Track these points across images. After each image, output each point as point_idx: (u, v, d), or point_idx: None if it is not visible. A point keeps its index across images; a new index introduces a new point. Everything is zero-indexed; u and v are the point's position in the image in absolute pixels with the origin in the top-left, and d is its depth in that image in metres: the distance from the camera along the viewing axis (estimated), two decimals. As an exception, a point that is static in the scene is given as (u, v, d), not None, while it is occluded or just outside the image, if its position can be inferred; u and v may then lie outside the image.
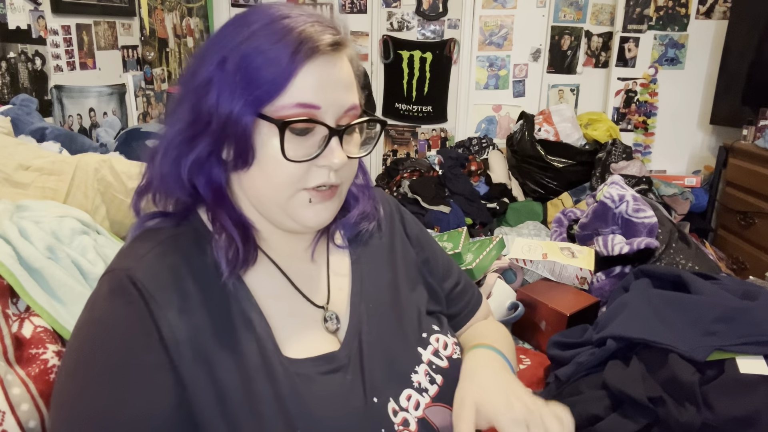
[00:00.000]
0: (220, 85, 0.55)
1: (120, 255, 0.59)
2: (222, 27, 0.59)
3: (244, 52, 0.55)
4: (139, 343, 0.53)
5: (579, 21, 3.27)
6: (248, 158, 0.57)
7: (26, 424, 0.66)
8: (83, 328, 0.55)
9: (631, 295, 1.18)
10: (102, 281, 0.57)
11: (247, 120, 0.55)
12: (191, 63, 0.59)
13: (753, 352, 0.97)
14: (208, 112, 0.56)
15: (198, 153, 0.57)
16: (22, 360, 0.71)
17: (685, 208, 2.80)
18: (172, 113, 0.59)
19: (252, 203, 0.61)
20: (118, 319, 0.54)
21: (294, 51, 0.54)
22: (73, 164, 1.19)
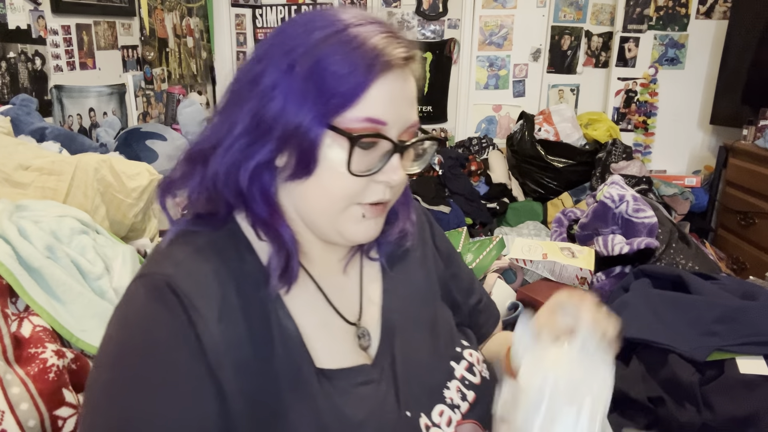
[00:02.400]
0: (288, 92, 0.53)
1: (156, 258, 0.56)
2: (284, 29, 0.57)
3: (315, 60, 0.53)
4: (180, 352, 0.51)
5: (579, 21, 3.27)
6: (310, 169, 0.54)
7: (25, 423, 0.66)
8: (118, 334, 0.53)
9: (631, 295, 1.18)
10: (136, 286, 0.54)
11: (317, 131, 0.53)
12: (250, 64, 0.57)
13: (753, 352, 0.97)
14: (273, 118, 0.53)
15: (258, 160, 0.55)
16: (21, 359, 0.71)
17: (685, 208, 2.80)
18: (225, 113, 0.57)
19: (299, 213, 0.59)
20: (157, 326, 0.51)
21: (370, 63, 0.53)
22: (72, 164, 1.19)
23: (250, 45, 3.54)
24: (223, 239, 0.58)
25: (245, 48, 3.56)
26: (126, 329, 0.52)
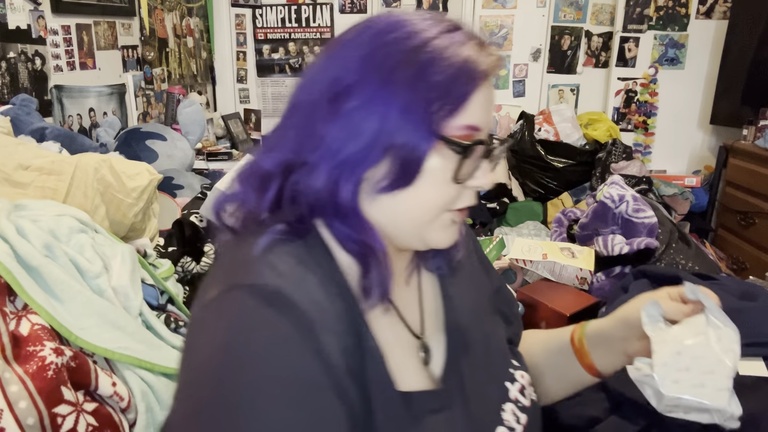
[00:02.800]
0: (389, 104, 0.51)
1: (252, 268, 0.51)
2: (363, 39, 0.54)
3: (416, 71, 0.51)
4: (308, 363, 0.47)
5: (579, 21, 3.27)
6: (411, 180, 0.53)
7: (24, 421, 0.66)
8: (226, 344, 0.46)
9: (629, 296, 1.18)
10: (238, 295, 0.48)
11: (427, 143, 0.52)
12: (326, 75, 0.54)
13: (752, 353, 0.97)
14: (374, 132, 0.51)
15: (359, 175, 0.52)
16: (20, 358, 0.71)
17: (685, 208, 2.80)
18: (303, 126, 0.54)
19: (383, 223, 0.56)
20: (277, 334, 0.46)
21: (470, 71, 0.52)
22: (72, 164, 1.19)
23: (250, 45, 3.54)
24: (315, 249, 0.55)
25: (245, 48, 3.56)
26: (238, 337, 0.46)
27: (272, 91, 3.64)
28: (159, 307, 1.03)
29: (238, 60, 3.60)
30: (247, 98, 3.66)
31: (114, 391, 0.78)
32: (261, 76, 3.60)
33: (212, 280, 0.53)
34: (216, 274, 0.54)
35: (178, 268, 1.36)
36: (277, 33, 3.51)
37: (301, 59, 3.55)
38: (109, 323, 0.84)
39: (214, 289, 0.50)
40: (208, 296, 0.50)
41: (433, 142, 0.52)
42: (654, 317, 0.64)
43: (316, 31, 3.48)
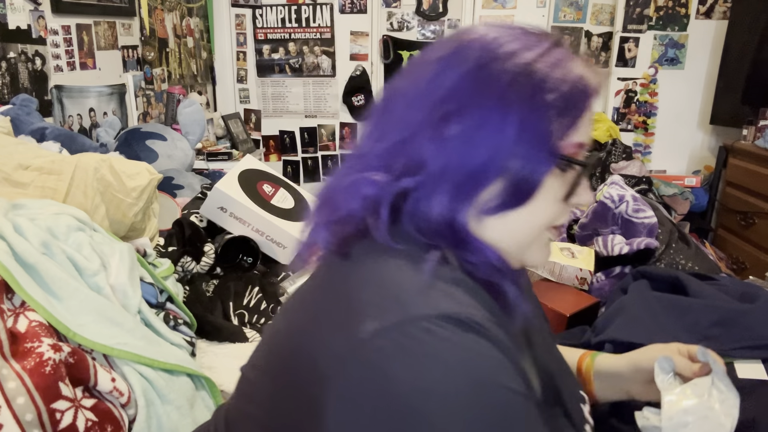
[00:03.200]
0: (504, 125, 0.49)
1: (432, 296, 0.48)
2: (467, 55, 0.52)
3: (531, 90, 0.49)
4: (519, 384, 0.46)
5: (579, 21, 3.27)
6: (525, 201, 0.51)
7: (23, 417, 0.66)
8: (448, 381, 0.43)
9: (629, 297, 1.18)
10: (435, 327, 0.45)
11: (547, 165, 0.50)
12: (436, 94, 0.51)
13: (750, 356, 0.97)
14: (491, 153, 0.49)
15: (474, 198, 0.51)
16: (18, 354, 0.71)
17: (685, 208, 2.80)
18: (415, 146, 0.51)
19: (496, 245, 0.55)
20: (494, 363, 0.45)
21: (585, 88, 0.52)
22: (72, 164, 1.19)
23: (250, 45, 3.55)
24: (458, 274, 0.52)
25: (245, 48, 3.56)
26: (459, 372, 0.44)
27: (272, 91, 3.64)
28: (158, 305, 1.03)
29: (238, 60, 3.60)
30: (247, 98, 3.66)
31: (113, 386, 0.78)
32: (261, 76, 3.61)
33: (355, 307, 0.48)
34: (360, 300, 0.49)
35: (178, 267, 1.36)
36: (277, 33, 3.51)
37: (301, 59, 3.55)
38: (108, 320, 0.84)
39: (374, 320, 0.46)
40: (367, 327, 0.46)
41: (552, 164, 0.51)
42: (665, 370, 0.69)
43: (316, 31, 3.48)
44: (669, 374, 0.69)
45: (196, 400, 0.92)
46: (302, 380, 0.50)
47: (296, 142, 3.73)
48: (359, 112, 3.57)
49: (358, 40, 3.48)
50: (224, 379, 1.07)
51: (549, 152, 0.50)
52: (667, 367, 0.69)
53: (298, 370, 0.51)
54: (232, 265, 1.51)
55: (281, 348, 0.56)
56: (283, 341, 0.56)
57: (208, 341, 1.22)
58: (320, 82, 3.58)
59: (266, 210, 1.59)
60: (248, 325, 1.32)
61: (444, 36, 0.57)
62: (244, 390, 0.61)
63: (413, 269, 0.50)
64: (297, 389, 0.51)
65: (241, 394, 0.62)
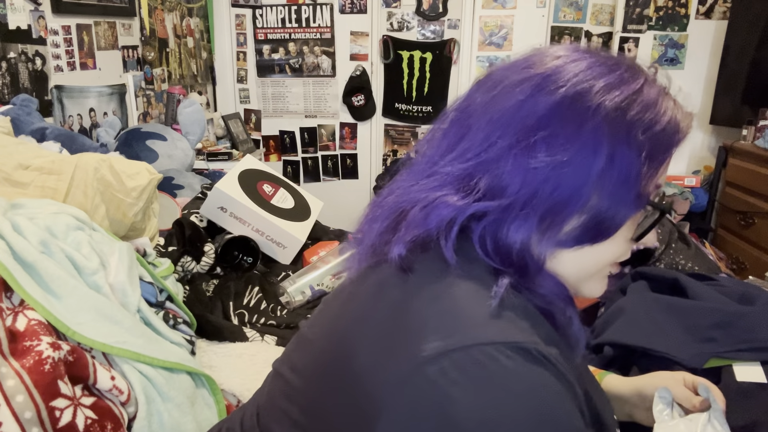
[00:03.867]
0: (595, 162, 0.48)
1: (499, 324, 0.47)
2: (555, 82, 0.50)
3: (625, 130, 0.48)
4: (578, 417, 0.46)
5: (579, 21, 3.27)
6: (604, 239, 0.51)
7: (22, 414, 0.66)
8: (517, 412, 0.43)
9: (627, 299, 1.17)
10: (500, 355, 0.44)
11: (634, 209, 0.50)
12: (523, 121, 0.49)
13: (750, 358, 0.97)
14: (578, 188, 0.48)
15: (559, 230, 0.50)
16: (17, 352, 0.71)
17: (685, 208, 2.80)
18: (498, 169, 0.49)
19: (560, 276, 0.54)
20: (556, 394, 0.45)
21: (675, 132, 0.51)
22: (72, 163, 1.19)
23: (250, 45, 3.55)
24: (526, 303, 0.52)
25: (245, 48, 3.56)
26: (523, 404, 0.43)
27: (272, 92, 3.64)
28: (157, 304, 1.03)
29: (238, 60, 3.60)
30: (247, 98, 3.67)
31: (113, 384, 0.78)
32: (261, 76, 3.61)
33: (419, 326, 0.47)
34: (425, 320, 0.48)
35: (178, 267, 1.36)
36: (277, 33, 3.51)
37: (301, 59, 3.55)
38: (107, 318, 0.84)
39: (438, 341, 0.45)
40: (430, 347, 0.45)
41: (640, 208, 0.51)
42: (664, 400, 0.70)
43: (316, 31, 3.48)
44: (667, 406, 0.70)
45: (196, 398, 0.92)
46: (353, 393, 0.49)
47: (296, 142, 3.73)
48: (359, 112, 3.57)
49: (358, 40, 3.49)
50: (224, 378, 1.07)
51: (636, 194, 0.50)
52: (667, 398, 0.70)
53: (349, 383, 0.50)
54: (232, 265, 1.51)
55: (329, 357, 0.54)
56: (331, 349, 0.55)
57: (208, 341, 1.22)
58: (320, 82, 3.59)
59: (266, 210, 1.59)
60: (248, 325, 1.32)
61: (526, 54, 0.55)
62: (282, 389, 0.60)
63: (483, 293, 0.48)
64: (346, 401, 0.50)
65: (278, 393, 0.61)
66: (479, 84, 0.56)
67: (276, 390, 0.61)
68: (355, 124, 3.64)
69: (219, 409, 0.96)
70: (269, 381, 0.65)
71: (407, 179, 0.56)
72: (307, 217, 1.72)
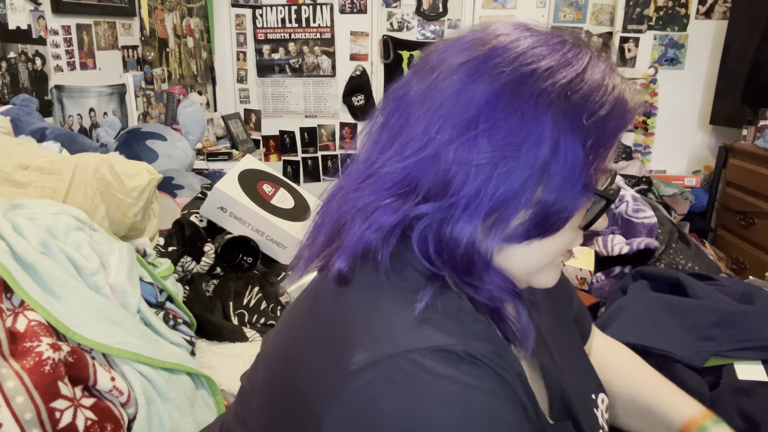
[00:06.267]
0: (540, 151, 0.45)
1: (422, 329, 0.45)
2: (495, 66, 0.47)
3: (572, 115, 0.46)
4: (519, 414, 0.45)
5: (579, 21, 3.27)
6: (553, 233, 0.49)
7: (22, 416, 0.66)
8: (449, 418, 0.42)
9: (628, 298, 1.18)
10: (425, 361, 0.43)
11: (581, 201, 0.48)
12: (463, 112, 0.46)
13: (750, 357, 0.97)
14: (524, 181, 0.46)
15: (507, 226, 0.48)
16: (17, 353, 0.71)
17: (685, 208, 2.80)
18: (438, 167, 0.47)
19: (504, 269, 0.52)
20: (493, 395, 0.44)
21: (624, 111, 0.48)
22: (72, 164, 1.19)
23: (250, 45, 3.55)
24: (460, 302, 0.50)
25: (245, 48, 3.56)
26: (451, 402, 0.42)
27: (272, 92, 3.64)
28: (157, 304, 1.03)
29: (238, 60, 3.60)
30: (247, 98, 3.66)
31: (113, 385, 0.78)
32: (261, 76, 3.61)
33: (350, 337, 0.46)
34: (356, 331, 0.47)
35: (178, 267, 1.36)
36: (277, 33, 3.51)
37: (301, 59, 3.55)
38: (107, 319, 0.84)
39: (366, 352, 0.44)
40: (360, 358, 0.44)
41: (587, 199, 0.49)
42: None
43: (316, 31, 3.48)
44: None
45: (196, 399, 0.92)
46: (298, 409, 0.49)
47: (296, 142, 3.73)
48: (359, 112, 3.57)
49: (358, 40, 3.48)
50: (224, 379, 1.07)
51: (583, 184, 0.47)
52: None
53: (294, 399, 0.50)
54: (232, 265, 1.51)
55: (278, 373, 0.54)
56: (279, 367, 0.54)
57: (208, 341, 1.22)
58: (320, 82, 3.58)
59: (266, 210, 1.59)
60: (248, 325, 1.32)
61: (464, 33, 0.51)
62: (244, 401, 0.60)
63: (409, 300, 0.47)
64: (293, 418, 0.50)
65: (241, 405, 0.61)
66: (416, 69, 0.53)
67: (240, 404, 0.61)
68: (355, 124, 3.64)
69: (219, 410, 0.96)
70: (238, 393, 0.65)
71: (348, 181, 0.53)
72: (308, 217, 1.72)
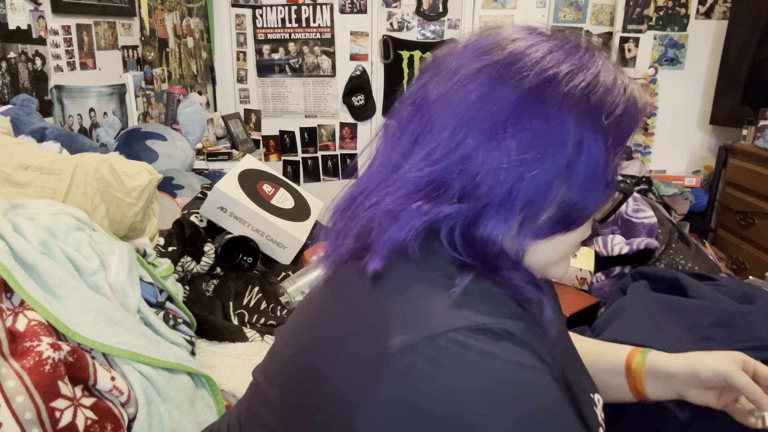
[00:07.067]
0: (564, 152, 0.47)
1: (461, 311, 0.46)
2: (516, 71, 0.49)
3: (592, 117, 0.48)
4: (556, 390, 0.46)
5: (579, 21, 3.27)
6: (575, 228, 0.51)
7: (22, 415, 0.66)
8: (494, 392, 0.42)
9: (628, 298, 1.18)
10: (460, 339, 0.43)
11: (605, 197, 0.50)
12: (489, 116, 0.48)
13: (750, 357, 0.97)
14: (550, 181, 0.48)
15: (537, 224, 0.49)
16: (17, 353, 0.71)
17: (685, 208, 2.80)
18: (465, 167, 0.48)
19: (530, 265, 0.54)
20: (532, 369, 0.44)
21: (636, 111, 0.50)
22: (72, 163, 1.19)
23: (250, 45, 3.55)
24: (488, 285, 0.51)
25: (245, 48, 3.56)
26: (494, 376, 0.43)
27: (272, 92, 3.64)
28: (157, 304, 1.03)
29: (238, 60, 3.60)
30: (247, 98, 3.67)
31: (113, 385, 0.78)
32: (261, 76, 3.61)
33: (382, 326, 0.46)
34: (389, 320, 0.47)
35: (178, 267, 1.36)
36: (277, 33, 3.51)
37: (301, 59, 3.55)
38: (107, 319, 0.84)
39: (403, 335, 0.44)
40: (395, 342, 0.44)
41: (609, 195, 0.51)
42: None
43: (316, 31, 3.48)
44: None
45: (196, 399, 0.92)
46: (326, 400, 0.49)
47: (296, 142, 3.73)
48: (359, 112, 3.57)
49: (358, 40, 3.48)
50: (224, 379, 1.07)
51: (605, 182, 0.49)
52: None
53: (319, 388, 0.50)
54: (232, 265, 1.51)
55: (298, 366, 0.54)
56: (299, 359, 0.54)
57: (208, 341, 1.22)
58: (320, 82, 3.59)
59: (266, 210, 1.59)
60: (248, 325, 1.32)
61: (477, 38, 0.53)
62: (260, 398, 0.60)
63: (442, 285, 0.48)
64: (320, 409, 0.49)
65: (255, 400, 0.60)
66: (432, 72, 0.54)
67: (254, 399, 0.61)
68: (355, 124, 3.64)
69: (219, 410, 0.96)
70: (249, 389, 0.64)
71: (370, 184, 0.54)
72: (307, 217, 1.72)
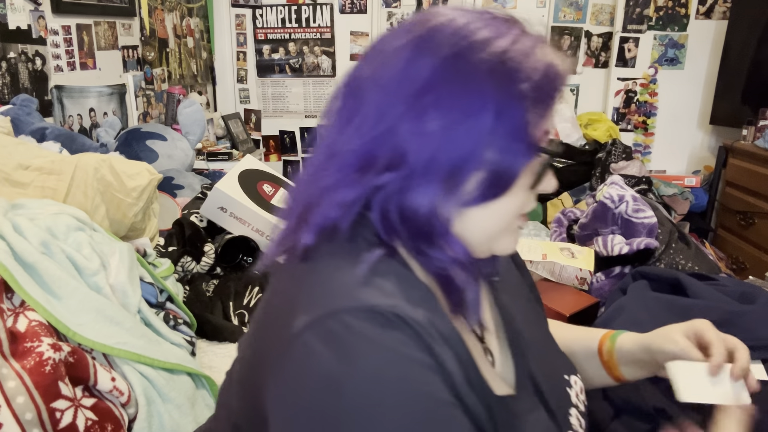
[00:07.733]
0: (483, 117, 0.48)
1: (359, 290, 0.47)
2: (438, 43, 0.50)
3: (507, 80, 0.49)
4: (435, 381, 0.46)
5: (579, 21, 3.27)
6: (504, 193, 0.51)
7: (22, 416, 0.66)
8: (356, 373, 0.43)
9: (628, 298, 1.18)
10: (352, 319, 0.45)
11: (527, 157, 0.51)
12: (410, 85, 0.49)
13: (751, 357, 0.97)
14: (473, 146, 0.49)
15: (459, 191, 0.50)
16: (17, 353, 0.71)
17: (685, 208, 2.80)
18: (391, 139, 0.49)
19: (462, 236, 0.53)
20: (406, 357, 0.44)
21: (556, 75, 0.51)
22: (72, 164, 1.19)
23: (250, 45, 3.54)
24: (404, 268, 0.52)
25: (245, 48, 3.56)
26: (362, 363, 0.43)
27: (272, 92, 3.64)
28: (158, 304, 1.03)
29: (238, 60, 3.60)
30: (247, 98, 3.67)
31: (113, 386, 0.78)
32: (261, 76, 3.61)
33: (294, 305, 0.48)
34: (299, 298, 0.49)
35: (178, 267, 1.36)
36: (277, 33, 3.51)
37: (301, 59, 3.55)
38: (107, 319, 0.84)
39: (304, 315, 0.46)
40: (298, 323, 0.45)
41: (532, 155, 0.51)
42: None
43: (316, 31, 3.48)
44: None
45: (196, 399, 0.92)
46: (258, 383, 0.50)
47: (296, 142, 3.73)
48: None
49: (358, 40, 3.48)
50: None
51: (527, 143, 0.50)
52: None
53: (254, 374, 0.51)
54: (232, 265, 1.51)
55: (244, 355, 0.56)
56: (245, 348, 0.56)
57: (208, 341, 1.22)
58: (320, 82, 3.58)
59: (266, 210, 1.59)
60: (248, 325, 1.32)
61: (410, 20, 0.54)
62: (229, 394, 0.61)
63: (351, 264, 0.49)
64: (255, 395, 0.50)
65: (228, 396, 0.62)
66: (365, 56, 0.56)
67: (224, 394, 0.63)
68: (355, 124, 3.64)
69: (219, 410, 0.96)
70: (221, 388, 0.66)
71: (313, 164, 0.56)
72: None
